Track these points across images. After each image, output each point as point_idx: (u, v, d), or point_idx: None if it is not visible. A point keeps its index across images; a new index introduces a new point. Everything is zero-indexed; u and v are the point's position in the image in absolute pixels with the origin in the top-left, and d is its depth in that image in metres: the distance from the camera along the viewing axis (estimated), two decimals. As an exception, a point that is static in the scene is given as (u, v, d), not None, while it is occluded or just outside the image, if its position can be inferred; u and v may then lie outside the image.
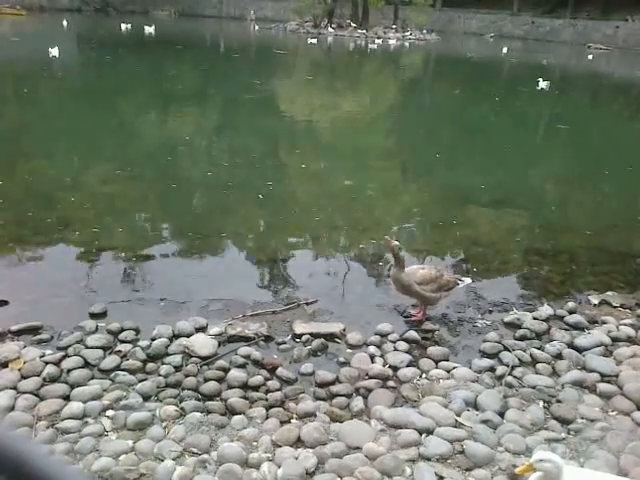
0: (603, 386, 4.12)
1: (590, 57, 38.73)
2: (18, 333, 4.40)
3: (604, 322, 5.09)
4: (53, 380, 3.86)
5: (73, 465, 3.09)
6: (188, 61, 25.69)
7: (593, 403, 3.96)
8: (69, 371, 3.95)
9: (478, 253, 6.80)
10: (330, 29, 48.07)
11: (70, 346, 4.23)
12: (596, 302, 5.52)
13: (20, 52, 23.76)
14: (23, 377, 3.87)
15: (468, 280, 5.20)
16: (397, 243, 4.85)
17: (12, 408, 3.56)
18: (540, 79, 20.85)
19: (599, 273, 6.28)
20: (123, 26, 38.18)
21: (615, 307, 5.45)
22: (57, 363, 4.02)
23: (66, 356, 4.12)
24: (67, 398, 3.69)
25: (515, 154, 12.49)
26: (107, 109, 14.01)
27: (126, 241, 6.40)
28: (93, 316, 4.75)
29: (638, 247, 7.37)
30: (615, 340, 4.78)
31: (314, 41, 38.87)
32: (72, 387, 3.79)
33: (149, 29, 37.65)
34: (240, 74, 22.72)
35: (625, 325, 5.01)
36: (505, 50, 37.52)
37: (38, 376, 3.87)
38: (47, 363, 4.00)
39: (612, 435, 3.57)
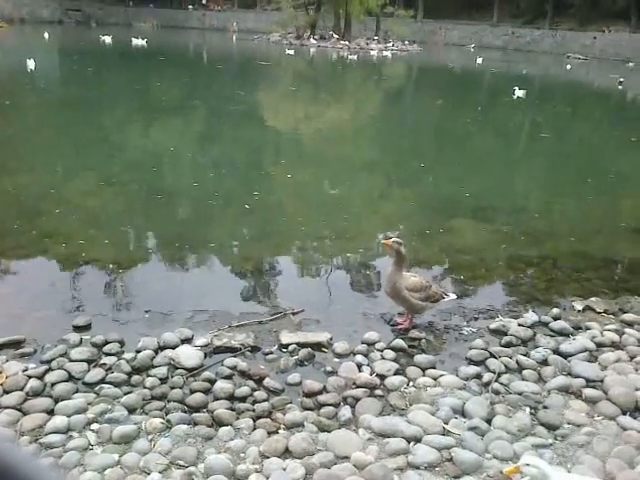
0: (588, 391, 4.15)
1: (568, 67, 39.32)
2: (0, 347, 4.33)
3: (588, 328, 5.13)
4: (36, 394, 3.80)
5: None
6: (171, 73, 25.65)
7: (579, 408, 3.98)
8: (53, 385, 3.89)
9: (464, 261, 6.84)
10: (313, 40, 48.36)
11: (54, 359, 4.17)
12: (580, 308, 5.57)
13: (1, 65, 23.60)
14: (5, 392, 3.80)
15: (453, 296, 5.21)
16: (396, 239, 4.84)
17: (-6, 423, 3.50)
18: (516, 88, 21.27)
19: (583, 279, 6.35)
20: (107, 39, 38.07)
21: (599, 313, 5.50)
22: (40, 377, 3.96)
23: (50, 370, 4.07)
24: (51, 412, 3.64)
25: (497, 162, 12.63)
26: (89, 122, 13.92)
27: (111, 253, 6.35)
28: (77, 329, 4.69)
29: (621, 253, 7.46)
30: (599, 345, 4.81)
31: (291, 52, 39.43)
32: (56, 401, 3.74)
33: (139, 41, 37.24)
34: (224, 85, 22.75)
35: (609, 331, 5.05)
36: (480, 61, 38.09)
37: (21, 390, 3.81)
38: (30, 377, 3.93)
39: (598, 440, 3.60)
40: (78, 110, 15.21)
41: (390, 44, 50.32)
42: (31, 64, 20.97)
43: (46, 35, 38.75)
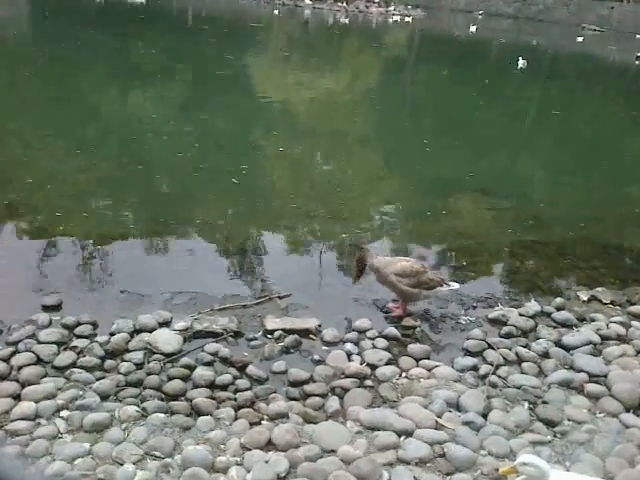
0: (591, 386, 4.20)
1: (580, 39, 39.00)
2: (-37, 327, 4.32)
3: (593, 319, 5.18)
4: (2, 378, 3.80)
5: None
6: (153, 33, 25.30)
7: (580, 404, 4.03)
8: (20, 368, 3.89)
9: (464, 245, 6.86)
10: (308, 1, 47.72)
11: (21, 341, 4.16)
12: (585, 298, 5.61)
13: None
14: (-31, 375, 3.80)
15: (455, 285, 5.14)
16: (364, 250, 5.03)
17: (-44, 408, 3.50)
18: (519, 58, 22.51)
19: (589, 268, 6.38)
20: None
21: (605, 304, 5.55)
22: (6, 359, 3.96)
23: (16, 352, 4.06)
24: (17, 397, 3.64)
25: (500, 140, 12.61)
26: (62, 84, 13.73)
27: (85, 227, 6.31)
28: (46, 309, 4.68)
29: (630, 240, 7.51)
30: (604, 338, 4.86)
31: (276, 12, 39.85)
32: (23, 385, 3.74)
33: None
34: (211, 48, 22.46)
35: (615, 323, 5.10)
36: (473, 29, 38.41)
37: (-15, 374, 3.81)
38: (-5, 359, 3.94)
39: (599, 438, 3.65)
40: (50, 71, 14.99)
41: (392, 8, 49.78)
42: None
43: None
